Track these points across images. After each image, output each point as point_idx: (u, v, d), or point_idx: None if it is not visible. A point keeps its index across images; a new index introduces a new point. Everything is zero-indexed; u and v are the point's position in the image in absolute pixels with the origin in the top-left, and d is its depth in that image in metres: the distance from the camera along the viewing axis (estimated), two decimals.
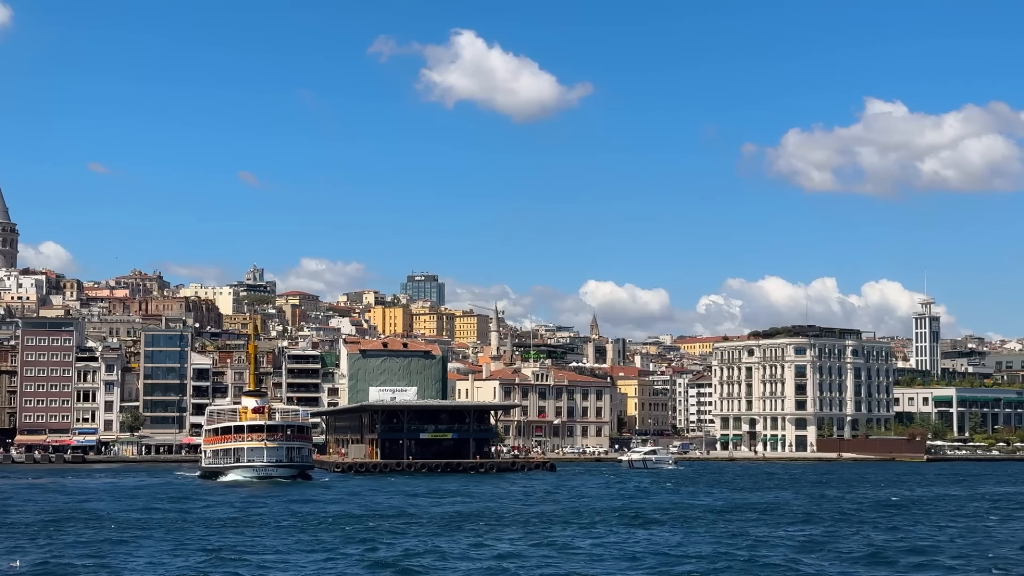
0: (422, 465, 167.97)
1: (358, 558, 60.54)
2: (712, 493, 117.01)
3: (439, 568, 56.71)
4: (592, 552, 62.70)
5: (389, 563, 58.33)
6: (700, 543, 66.74)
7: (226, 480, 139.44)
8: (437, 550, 63.38)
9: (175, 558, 60.38)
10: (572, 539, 69.33)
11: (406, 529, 75.61)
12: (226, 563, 58.23)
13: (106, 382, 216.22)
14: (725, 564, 58.03)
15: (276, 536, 71.08)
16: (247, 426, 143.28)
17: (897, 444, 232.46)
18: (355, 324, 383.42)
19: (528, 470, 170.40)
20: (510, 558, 60.17)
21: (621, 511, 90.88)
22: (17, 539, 69.01)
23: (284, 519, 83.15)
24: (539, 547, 64.89)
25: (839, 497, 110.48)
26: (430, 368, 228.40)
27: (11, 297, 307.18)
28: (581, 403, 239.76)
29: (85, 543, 67.05)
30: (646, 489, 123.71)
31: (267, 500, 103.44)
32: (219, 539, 69.15)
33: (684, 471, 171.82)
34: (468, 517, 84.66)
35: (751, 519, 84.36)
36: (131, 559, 60.06)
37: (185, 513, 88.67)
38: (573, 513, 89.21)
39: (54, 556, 60.70)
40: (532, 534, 72.51)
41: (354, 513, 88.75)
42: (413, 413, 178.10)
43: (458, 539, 69.25)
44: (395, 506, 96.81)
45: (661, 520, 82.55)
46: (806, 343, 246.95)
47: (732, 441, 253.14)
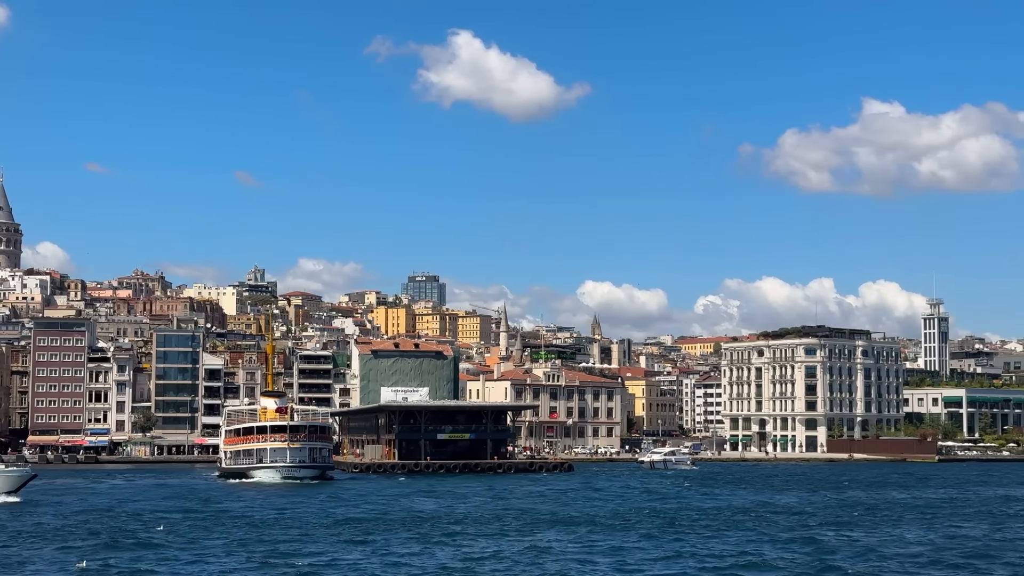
0: (440, 466, 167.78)
1: (453, 555, 60.29)
2: (752, 493, 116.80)
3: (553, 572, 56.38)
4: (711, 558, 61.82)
5: (467, 564, 58.11)
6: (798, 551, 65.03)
7: (248, 481, 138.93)
8: (532, 551, 63.11)
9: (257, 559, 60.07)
10: (665, 543, 68.66)
11: (468, 529, 75.27)
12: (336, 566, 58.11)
13: (118, 382, 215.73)
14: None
15: (351, 538, 70.43)
16: (270, 427, 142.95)
17: (908, 445, 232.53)
18: (358, 324, 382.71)
19: (546, 471, 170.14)
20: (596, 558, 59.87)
21: (685, 512, 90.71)
22: (80, 541, 68.60)
23: (349, 520, 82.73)
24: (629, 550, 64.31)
25: (909, 501, 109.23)
26: (441, 368, 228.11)
27: (16, 297, 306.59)
28: (592, 403, 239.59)
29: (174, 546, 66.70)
30: (681, 490, 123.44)
31: (306, 501, 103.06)
32: (295, 541, 68.71)
33: (702, 472, 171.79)
34: (524, 518, 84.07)
35: (829, 521, 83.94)
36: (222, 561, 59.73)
37: (227, 513, 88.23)
38: (636, 514, 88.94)
39: (122, 557, 60.38)
40: (596, 534, 72.25)
41: (401, 514, 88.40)
42: (430, 414, 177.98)
43: (542, 542, 68.43)
44: (441, 507, 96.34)
45: (745, 523, 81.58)
46: (816, 344, 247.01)
47: (742, 442, 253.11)
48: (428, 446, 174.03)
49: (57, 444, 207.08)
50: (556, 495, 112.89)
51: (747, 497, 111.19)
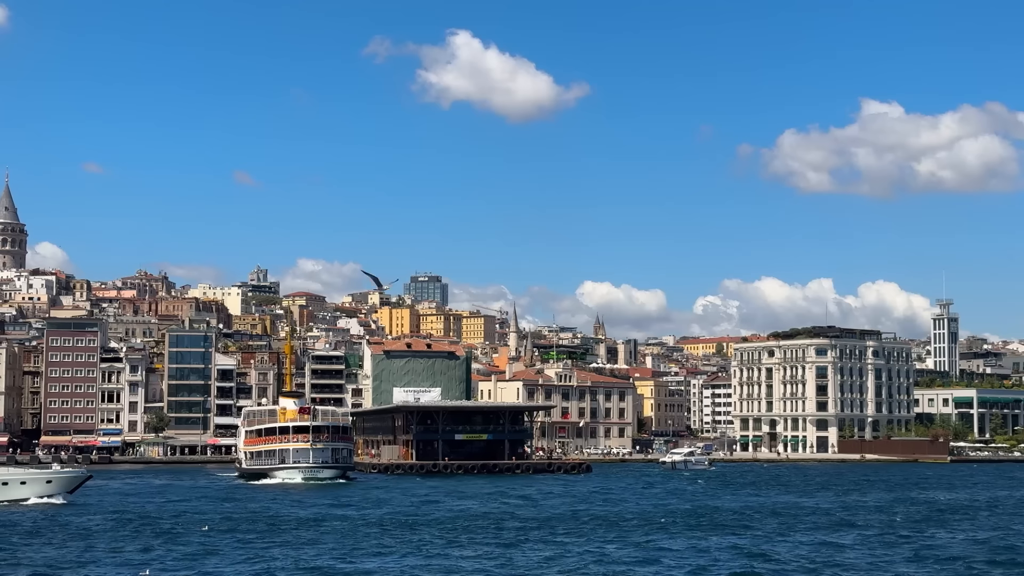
0: (458, 466, 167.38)
1: (538, 560, 60.12)
2: (805, 494, 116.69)
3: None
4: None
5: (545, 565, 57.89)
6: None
7: (271, 482, 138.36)
8: (604, 552, 62.81)
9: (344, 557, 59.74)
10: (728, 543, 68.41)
11: (531, 530, 75.03)
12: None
13: (130, 383, 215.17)
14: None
15: (413, 538, 70.12)
16: (292, 427, 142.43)
17: (920, 445, 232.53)
18: (363, 324, 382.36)
19: (564, 471, 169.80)
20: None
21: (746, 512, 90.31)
22: (141, 542, 68.22)
23: (400, 520, 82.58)
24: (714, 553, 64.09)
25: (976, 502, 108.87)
26: (454, 369, 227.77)
27: (22, 297, 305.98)
28: (604, 404, 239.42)
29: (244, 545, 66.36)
30: (716, 491, 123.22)
31: (349, 501, 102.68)
32: (367, 540, 68.53)
33: (722, 472, 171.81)
34: (575, 520, 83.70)
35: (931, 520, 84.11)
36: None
37: (278, 515, 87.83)
38: (683, 514, 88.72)
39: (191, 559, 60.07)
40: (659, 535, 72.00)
41: (448, 514, 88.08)
42: (448, 414, 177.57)
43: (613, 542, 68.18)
44: (487, 507, 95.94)
45: (819, 525, 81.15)
46: (827, 344, 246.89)
47: (752, 442, 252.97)
48: (445, 447, 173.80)
49: (70, 444, 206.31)
50: (598, 496, 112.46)
51: (823, 498, 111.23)
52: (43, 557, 60.60)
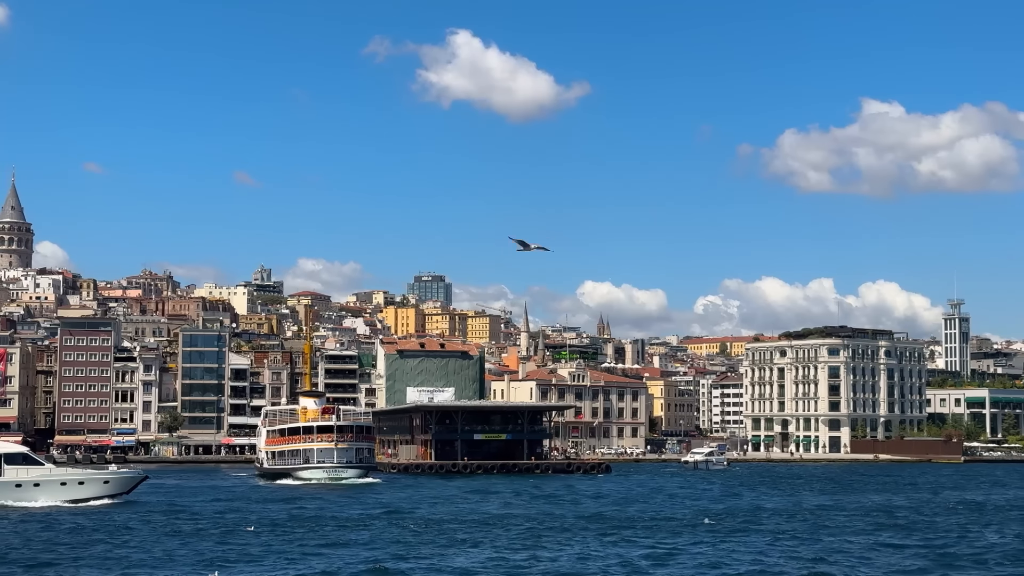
0: (477, 466, 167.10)
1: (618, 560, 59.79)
2: (847, 494, 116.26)
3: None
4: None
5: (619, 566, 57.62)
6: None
7: (293, 482, 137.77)
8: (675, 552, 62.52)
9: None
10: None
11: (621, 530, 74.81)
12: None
13: (144, 382, 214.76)
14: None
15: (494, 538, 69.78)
16: (316, 427, 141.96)
17: (934, 445, 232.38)
18: (369, 324, 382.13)
19: (583, 471, 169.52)
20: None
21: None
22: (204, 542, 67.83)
23: (460, 519, 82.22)
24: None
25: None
26: (467, 369, 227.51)
27: (30, 297, 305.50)
28: (617, 404, 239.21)
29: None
30: (763, 491, 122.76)
31: (386, 500, 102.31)
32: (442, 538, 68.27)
33: (744, 472, 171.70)
34: (625, 520, 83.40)
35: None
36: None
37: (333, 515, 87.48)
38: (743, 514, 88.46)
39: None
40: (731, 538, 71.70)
41: (502, 514, 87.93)
42: (466, 414, 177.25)
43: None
44: (532, 508, 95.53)
45: (908, 526, 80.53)
46: (839, 344, 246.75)
47: (764, 442, 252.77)
48: (463, 447, 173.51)
49: (84, 444, 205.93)
50: (637, 496, 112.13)
51: (868, 498, 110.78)
52: (111, 557, 60.24)
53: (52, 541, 67.17)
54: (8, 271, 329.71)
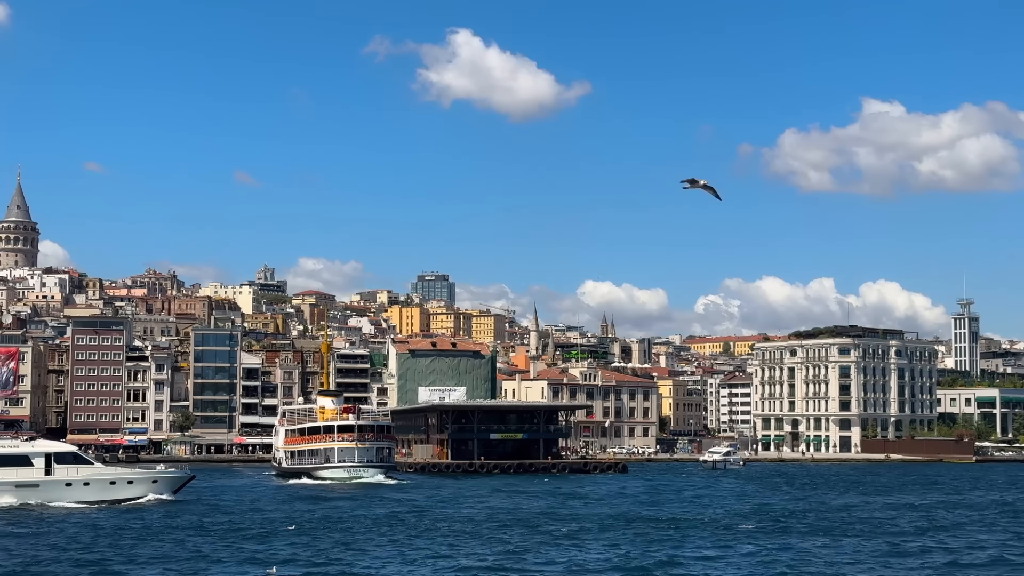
0: (494, 466, 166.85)
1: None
2: (868, 494, 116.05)
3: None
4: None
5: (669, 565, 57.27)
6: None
7: (313, 482, 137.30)
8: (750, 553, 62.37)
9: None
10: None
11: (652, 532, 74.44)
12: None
13: (156, 381, 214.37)
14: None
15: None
16: (337, 426, 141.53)
17: (945, 445, 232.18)
18: (374, 323, 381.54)
19: (600, 471, 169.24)
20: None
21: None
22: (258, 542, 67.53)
23: (513, 518, 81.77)
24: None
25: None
26: (479, 368, 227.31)
27: (36, 296, 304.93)
28: (628, 403, 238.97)
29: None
30: (799, 488, 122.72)
31: (425, 500, 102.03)
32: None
33: (761, 472, 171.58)
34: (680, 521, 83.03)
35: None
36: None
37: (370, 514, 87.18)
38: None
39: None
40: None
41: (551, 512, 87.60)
42: (482, 413, 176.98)
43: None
44: (571, 507, 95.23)
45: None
46: (850, 343, 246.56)
47: (774, 442, 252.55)
48: (478, 446, 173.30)
49: (95, 443, 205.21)
50: (683, 493, 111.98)
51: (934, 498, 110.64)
52: (169, 556, 60.00)
53: (106, 541, 66.94)
54: (14, 270, 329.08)
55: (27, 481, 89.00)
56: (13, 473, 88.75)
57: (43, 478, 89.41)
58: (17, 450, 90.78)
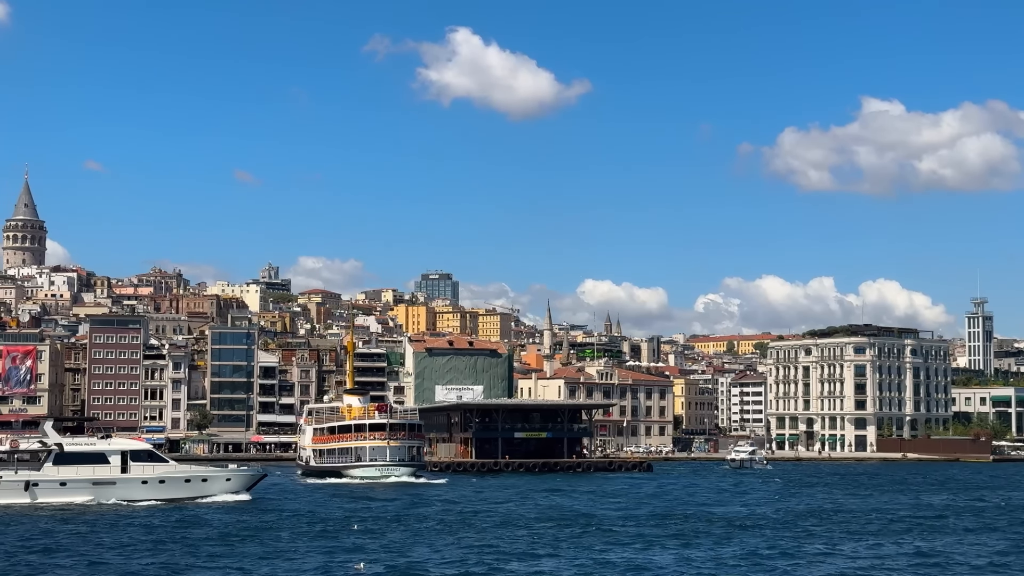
0: (519, 464, 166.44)
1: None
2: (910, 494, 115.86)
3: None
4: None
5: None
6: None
7: (345, 481, 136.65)
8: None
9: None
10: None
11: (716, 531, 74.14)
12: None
13: (173, 380, 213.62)
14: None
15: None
16: (369, 424, 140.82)
17: (962, 444, 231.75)
18: (381, 322, 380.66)
19: (625, 470, 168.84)
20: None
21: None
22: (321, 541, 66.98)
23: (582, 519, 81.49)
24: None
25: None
26: (496, 367, 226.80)
27: (45, 295, 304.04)
28: (645, 402, 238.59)
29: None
30: (844, 489, 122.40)
31: (471, 498, 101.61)
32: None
33: (787, 471, 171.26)
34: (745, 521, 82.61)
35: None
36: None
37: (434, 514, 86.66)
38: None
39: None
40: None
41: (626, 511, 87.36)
42: (507, 412, 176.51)
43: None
44: (623, 507, 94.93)
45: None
46: (866, 342, 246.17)
47: (788, 441, 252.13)
48: (503, 445, 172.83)
49: None
50: (728, 496, 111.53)
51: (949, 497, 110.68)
52: (246, 554, 59.52)
53: (185, 539, 66.58)
54: (22, 268, 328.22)
55: (104, 479, 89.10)
56: (90, 471, 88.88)
57: (119, 476, 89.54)
58: (94, 448, 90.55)
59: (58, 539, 66.05)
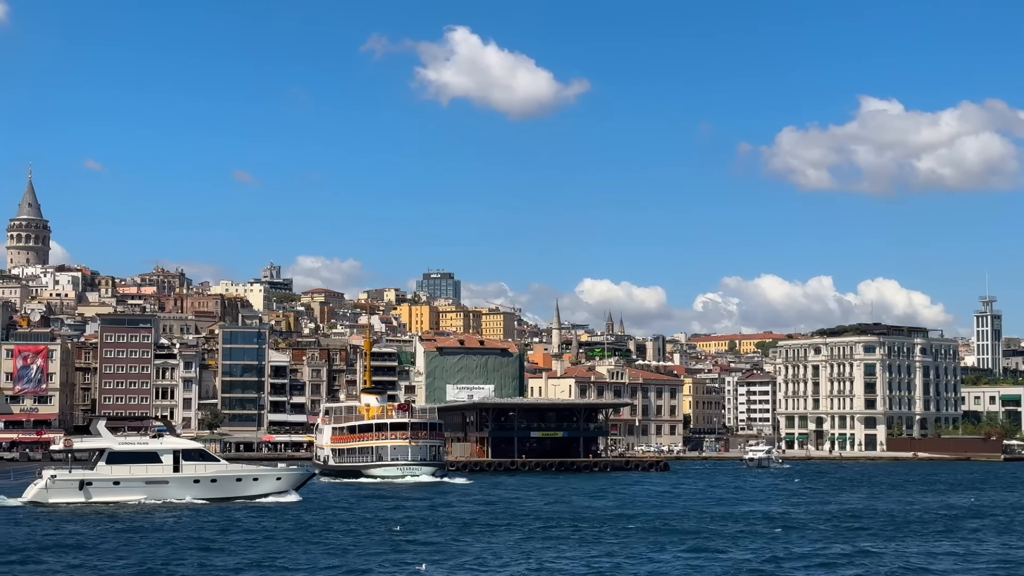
0: (536, 464, 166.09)
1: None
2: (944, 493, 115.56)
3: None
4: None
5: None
6: None
7: (366, 480, 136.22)
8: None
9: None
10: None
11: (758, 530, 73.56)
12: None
13: (184, 379, 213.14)
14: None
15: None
16: (390, 424, 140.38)
17: (973, 444, 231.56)
18: (385, 321, 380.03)
19: (642, 469, 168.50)
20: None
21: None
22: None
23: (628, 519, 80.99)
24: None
25: None
26: (507, 366, 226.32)
27: (50, 294, 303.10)
28: (655, 401, 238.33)
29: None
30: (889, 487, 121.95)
31: (507, 498, 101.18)
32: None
33: (804, 470, 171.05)
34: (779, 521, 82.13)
35: None
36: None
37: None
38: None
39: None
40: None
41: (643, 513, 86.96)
42: (523, 411, 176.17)
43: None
44: (681, 506, 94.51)
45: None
46: (875, 341, 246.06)
47: (798, 440, 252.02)
48: (520, 444, 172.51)
49: None
50: (758, 495, 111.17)
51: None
52: (305, 555, 59.09)
53: (243, 538, 66.36)
54: (26, 268, 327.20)
55: (157, 478, 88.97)
56: (143, 470, 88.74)
57: (172, 475, 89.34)
58: (147, 447, 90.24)
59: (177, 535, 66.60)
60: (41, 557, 58.05)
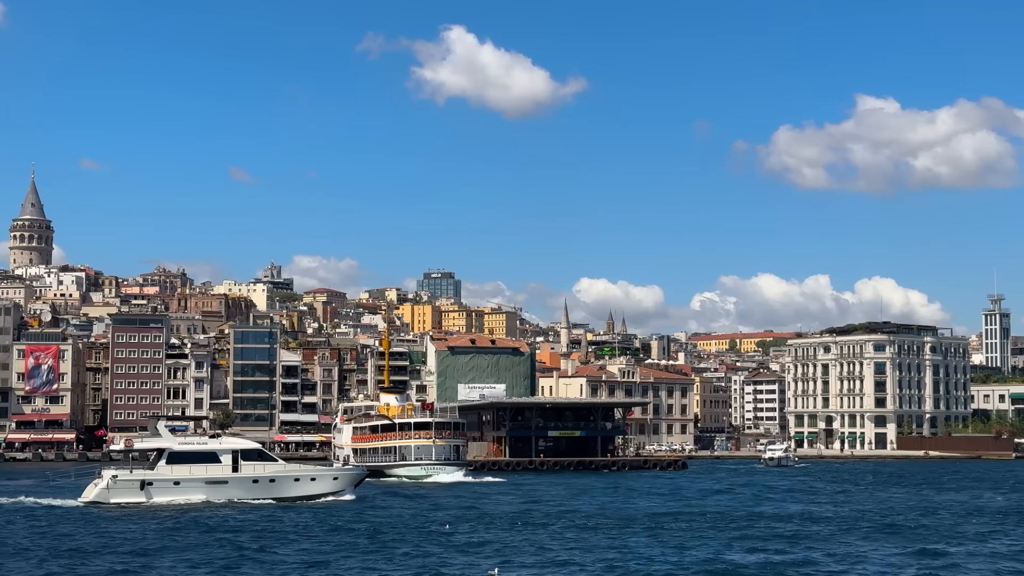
0: (554, 463, 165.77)
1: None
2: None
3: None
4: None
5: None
6: None
7: (391, 480, 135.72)
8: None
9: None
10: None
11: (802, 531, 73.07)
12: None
13: (196, 379, 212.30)
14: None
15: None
16: (414, 423, 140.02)
17: (983, 442, 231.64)
18: (388, 321, 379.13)
19: (660, 468, 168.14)
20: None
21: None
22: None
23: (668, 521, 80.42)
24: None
25: None
26: (518, 365, 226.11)
27: (54, 295, 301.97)
28: (666, 400, 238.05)
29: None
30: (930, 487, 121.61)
31: (544, 497, 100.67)
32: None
33: (824, 468, 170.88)
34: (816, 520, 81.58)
35: None
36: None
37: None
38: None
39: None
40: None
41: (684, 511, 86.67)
42: (540, 411, 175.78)
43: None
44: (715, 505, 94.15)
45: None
46: (885, 340, 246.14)
47: (807, 439, 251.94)
48: (536, 443, 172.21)
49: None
50: (786, 494, 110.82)
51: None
52: (389, 555, 58.68)
53: (307, 539, 65.81)
54: (30, 268, 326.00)
55: (216, 478, 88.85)
56: (203, 470, 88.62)
57: (231, 475, 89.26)
58: (206, 447, 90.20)
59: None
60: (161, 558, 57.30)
